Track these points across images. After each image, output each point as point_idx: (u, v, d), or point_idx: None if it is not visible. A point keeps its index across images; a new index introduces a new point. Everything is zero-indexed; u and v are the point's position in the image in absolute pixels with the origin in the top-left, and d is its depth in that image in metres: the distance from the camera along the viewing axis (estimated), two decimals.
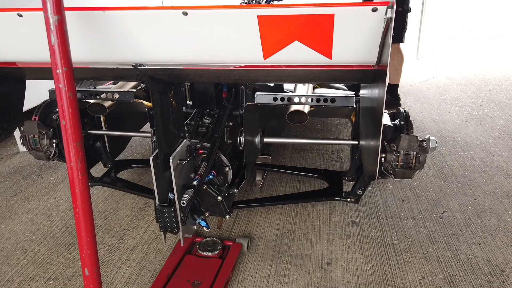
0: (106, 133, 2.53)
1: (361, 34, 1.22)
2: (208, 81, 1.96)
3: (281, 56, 1.31)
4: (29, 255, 2.35)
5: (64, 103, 1.15)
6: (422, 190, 2.87)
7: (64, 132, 1.18)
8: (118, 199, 2.85)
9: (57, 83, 1.16)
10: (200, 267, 2.09)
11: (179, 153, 1.79)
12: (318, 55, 1.28)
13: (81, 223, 1.22)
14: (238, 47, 1.31)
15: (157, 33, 1.32)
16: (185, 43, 1.33)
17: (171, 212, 1.77)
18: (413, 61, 6.39)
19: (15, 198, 2.94)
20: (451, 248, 2.29)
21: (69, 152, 1.18)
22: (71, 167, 1.19)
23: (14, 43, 1.42)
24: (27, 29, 1.35)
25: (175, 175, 1.72)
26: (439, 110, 4.33)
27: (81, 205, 1.21)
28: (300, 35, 1.23)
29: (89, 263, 1.25)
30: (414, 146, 2.07)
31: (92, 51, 1.38)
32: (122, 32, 1.33)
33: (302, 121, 1.88)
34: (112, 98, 1.99)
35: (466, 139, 3.62)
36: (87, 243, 1.23)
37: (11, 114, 2.03)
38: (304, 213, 2.64)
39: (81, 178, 1.20)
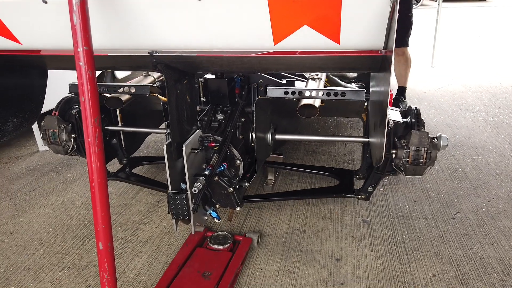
0: (122, 129, 2.60)
1: (368, 17, 1.25)
2: (220, 70, 1.99)
3: (291, 41, 1.35)
4: (46, 245, 2.42)
5: (84, 80, 1.21)
6: (434, 191, 2.85)
7: (83, 108, 1.24)
8: (132, 196, 2.91)
9: (77, 61, 1.22)
10: (210, 259, 2.12)
11: (192, 142, 1.84)
12: (327, 39, 1.32)
13: (96, 197, 1.27)
14: (249, 31, 1.36)
15: (171, 18, 1.37)
16: (199, 28, 1.39)
17: (183, 199, 1.81)
18: (428, 69, 6.36)
19: (33, 193, 3.03)
20: (463, 248, 2.27)
21: (87, 128, 1.24)
22: (88, 142, 1.25)
23: (39, 30, 1.50)
24: (52, 15, 1.43)
25: (188, 163, 1.77)
26: (454, 116, 4.30)
27: (97, 179, 1.26)
28: (309, 19, 1.26)
29: (103, 237, 1.30)
30: (425, 142, 2.08)
31: (110, 37, 1.44)
32: (138, 18, 1.39)
33: (312, 115, 1.90)
34: (129, 92, 2.06)
35: (481, 144, 3.59)
36: (102, 218, 1.28)
37: (32, 105, 2.11)
38: (315, 212, 2.65)
39: (98, 153, 1.25)
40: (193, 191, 1.78)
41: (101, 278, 1.33)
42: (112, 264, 1.32)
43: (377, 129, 1.67)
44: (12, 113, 2.02)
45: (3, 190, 3.10)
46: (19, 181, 3.22)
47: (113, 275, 1.33)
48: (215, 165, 1.92)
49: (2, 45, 1.56)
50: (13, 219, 2.70)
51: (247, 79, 2.33)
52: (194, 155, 1.86)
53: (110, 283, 1.32)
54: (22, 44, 1.55)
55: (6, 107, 1.96)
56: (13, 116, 2.02)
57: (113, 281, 1.33)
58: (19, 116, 2.06)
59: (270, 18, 1.29)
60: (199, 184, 1.79)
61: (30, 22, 1.48)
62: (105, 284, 1.32)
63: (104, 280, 1.31)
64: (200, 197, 1.81)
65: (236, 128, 2.21)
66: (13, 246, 2.43)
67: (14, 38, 1.52)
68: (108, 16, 1.41)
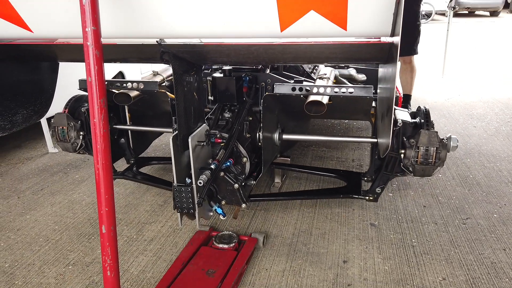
0: (130, 128, 2.61)
1: (374, 2, 1.24)
2: (228, 61, 1.98)
3: (298, 28, 1.34)
4: (51, 242, 2.41)
5: (91, 60, 1.22)
6: (444, 197, 2.80)
7: (90, 89, 1.25)
8: (139, 196, 2.91)
9: (85, 41, 1.24)
10: (215, 258, 2.10)
11: (198, 135, 1.84)
12: (334, 25, 1.31)
13: (100, 179, 1.27)
14: (256, 18, 1.36)
15: (178, 5, 1.38)
16: (206, 15, 1.39)
17: (188, 192, 1.80)
18: (439, 79, 6.33)
19: (41, 192, 3.05)
20: (474, 252, 2.21)
21: (93, 108, 1.24)
22: (94, 123, 1.25)
23: (50, 18, 1.51)
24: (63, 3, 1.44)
25: (193, 155, 1.76)
26: (465, 125, 4.25)
27: (101, 160, 1.26)
28: (316, 4, 1.26)
29: (106, 220, 1.29)
30: (434, 142, 2.05)
31: (118, 25, 1.45)
32: (146, 5, 1.40)
33: (320, 111, 1.89)
34: (137, 87, 2.08)
35: (493, 152, 3.53)
36: (106, 200, 1.28)
37: (43, 98, 2.14)
38: (322, 215, 2.61)
39: (103, 134, 1.25)
40: (198, 183, 1.77)
41: (103, 263, 1.31)
42: (114, 249, 1.31)
43: (384, 118, 1.65)
44: (22, 105, 2.04)
45: (12, 189, 3.12)
46: (28, 181, 3.25)
47: (116, 260, 1.32)
48: (221, 160, 1.91)
49: (13, 33, 1.59)
50: (20, 217, 2.71)
51: (255, 79, 2.34)
52: (200, 149, 1.86)
53: (112, 268, 1.30)
54: (33, 32, 1.57)
55: (17, 99, 1.99)
56: (23, 108, 2.05)
57: (115, 267, 1.31)
58: (29, 109, 2.09)
59: (277, 3, 1.29)
60: (204, 177, 1.78)
61: (42, 9, 1.50)
62: (107, 269, 1.30)
63: (106, 265, 1.30)
64: (206, 191, 1.79)
65: (243, 126, 2.21)
66: (19, 242, 2.43)
67: (26, 25, 1.55)
68: (116, 5, 1.42)
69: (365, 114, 2.22)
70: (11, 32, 1.58)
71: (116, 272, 1.31)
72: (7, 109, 1.96)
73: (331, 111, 2.23)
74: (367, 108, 2.08)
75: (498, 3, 17.13)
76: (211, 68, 2.57)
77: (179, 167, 1.81)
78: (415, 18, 4.12)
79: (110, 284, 1.31)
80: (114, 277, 1.31)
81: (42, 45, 1.68)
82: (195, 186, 1.81)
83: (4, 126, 1.95)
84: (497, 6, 17.30)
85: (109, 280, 1.30)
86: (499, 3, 17.13)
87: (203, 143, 1.87)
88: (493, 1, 17.07)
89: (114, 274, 1.31)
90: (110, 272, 1.30)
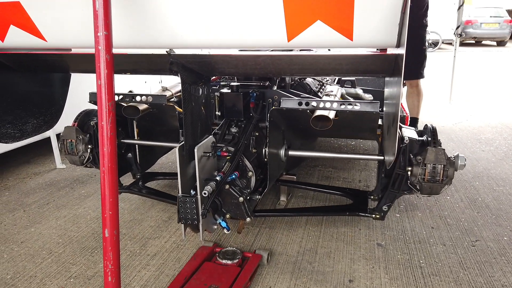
0: (138, 143, 2.63)
1: (380, 12, 1.27)
2: (235, 72, 1.99)
3: (304, 38, 1.37)
4: (54, 255, 2.40)
5: (102, 63, 1.25)
6: (453, 219, 2.75)
7: (99, 92, 1.27)
8: (144, 212, 2.90)
9: (97, 46, 1.27)
10: (218, 273, 2.06)
11: (204, 146, 1.85)
12: (340, 36, 1.33)
13: (106, 183, 1.27)
14: (264, 27, 1.38)
15: (188, 15, 1.42)
16: (214, 24, 1.42)
17: (192, 203, 1.79)
18: (446, 105, 6.33)
19: (47, 206, 3.05)
20: (484, 275, 2.15)
21: (102, 111, 1.26)
22: (102, 125, 1.27)
23: (64, 27, 1.56)
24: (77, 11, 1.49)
25: (199, 166, 1.76)
26: (473, 149, 4.22)
27: (107, 163, 1.26)
28: (323, 14, 1.29)
29: (110, 224, 1.28)
30: (442, 159, 2.04)
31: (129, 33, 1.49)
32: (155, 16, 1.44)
33: (326, 126, 1.90)
34: (146, 101, 2.11)
35: (502, 176, 3.49)
36: (110, 204, 1.27)
37: (53, 109, 2.17)
38: (328, 234, 2.58)
39: (110, 137, 1.26)
40: (203, 194, 1.76)
41: (105, 268, 1.29)
42: (117, 254, 1.30)
43: (390, 128, 1.65)
44: (33, 115, 2.08)
45: (18, 202, 3.13)
46: (34, 195, 3.26)
47: (117, 265, 1.30)
48: (227, 172, 1.91)
49: (28, 43, 1.64)
50: (25, 229, 2.71)
51: (262, 95, 2.36)
52: (206, 160, 1.86)
53: (113, 273, 1.29)
54: (47, 41, 1.62)
55: (28, 108, 2.03)
56: (33, 118, 2.08)
57: (116, 272, 1.30)
58: (39, 119, 2.12)
59: (284, 13, 1.32)
60: (209, 188, 1.78)
61: (56, 18, 1.55)
62: (108, 274, 1.28)
63: (108, 270, 1.28)
64: (210, 202, 1.78)
65: (250, 141, 2.21)
66: (22, 254, 2.42)
67: (40, 34, 1.60)
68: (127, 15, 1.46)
69: (372, 131, 2.21)
70: (25, 41, 1.62)
71: (117, 278, 1.30)
72: (18, 118, 1.99)
73: (337, 128, 2.23)
74: (373, 125, 2.08)
75: (505, 33, 17.31)
76: (219, 84, 2.61)
77: (185, 178, 1.81)
78: (421, 43, 4.18)
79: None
80: (115, 283, 1.29)
81: (55, 54, 1.72)
82: (199, 197, 1.81)
83: (14, 135, 1.99)
84: (504, 36, 17.47)
85: (109, 286, 1.29)
86: (506, 33, 17.30)
87: (209, 154, 1.88)
88: (500, 31, 17.25)
89: (115, 280, 1.29)
90: (111, 278, 1.28)
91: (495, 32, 17.40)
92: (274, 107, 1.95)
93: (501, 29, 17.26)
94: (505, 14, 17.55)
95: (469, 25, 17.23)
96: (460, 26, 6.13)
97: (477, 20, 17.27)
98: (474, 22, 17.26)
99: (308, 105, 1.89)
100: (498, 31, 17.31)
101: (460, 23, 6.08)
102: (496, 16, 17.41)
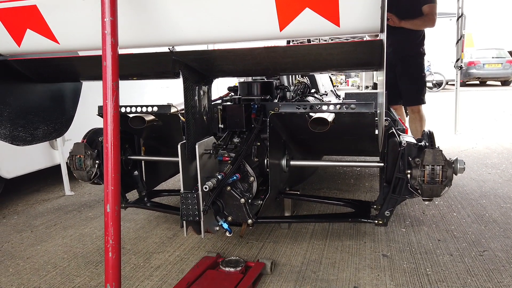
0: (144, 158, 2.70)
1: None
2: (234, 69, 2.02)
3: (295, 26, 1.46)
4: (59, 268, 2.41)
5: (108, 46, 1.35)
6: (460, 232, 2.72)
7: (104, 73, 1.36)
8: (149, 230, 2.92)
9: (103, 30, 1.37)
10: (221, 279, 2.05)
11: (205, 143, 1.91)
12: (327, 22, 1.43)
13: (109, 158, 1.32)
14: (256, 19, 1.48)
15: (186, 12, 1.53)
16: (212, 18, 1.53)
17: (194, 198, 1.82)
18: (452, 136, 6.36)
19: (54, 227, 3.09)
20: (492, 281, 2.11)
21: (106, 90, 1.34)
22: (106, 103, 1.35)
23: (76, 29, 1.69)
24: (88, 13, 1.62)
25: (200, 163, 1.81)
26: (479, 172, 4.21)
27: (111, 139, 1.32)
28: (311, 0, 1.39)
29: (112, 199, 1.31)
30: (439, 160, 2.07)
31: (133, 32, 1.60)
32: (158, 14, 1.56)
33: (323, 128, 1.95)
34: (151, 111, 2.21)
35: (509, 194, 3.46)
36: (113, 179, 1.31)
37: (63, 118, 2.28)
38: (332, 246, 2.56)
39: (114, 115, 1.33)
40: (204, 188, 1.80)
41: (106, 243, 1.32)
42: (118, 229, 1.32)
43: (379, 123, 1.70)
44: (44, 121, 2.18)
45: (26, 224, 3.18)
46: (42, 218, 3.31)
47: (118, 242, 1.32)
48: (228, 173, 1.95)
49: (41, 46, 1.76)
50: (31, 247, 2.73)
51: (264, 107, 2.45)
52: (207, 159, 1.92)
53: (114, 249, 1.31)
54: (59, 44, 1.75)
55: (39, 115, 2.13)
56: (44, 124, 2.19)
57: (117, 248, 1.32)
58: (49, 126, 2.22)
59: (276, 2, 1.43)
60: (210, 184, 1.82)
61: (68, 19, 1.68)
62: (109, 250, 1.30)
63: (109, 246, 1.31)
64: (212, 199, 1.81)
65: (251, 150, 2.27)
66: (27, 268, 2.43)
67: (53, 36, 1.72)
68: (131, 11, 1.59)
69: (370, 138, 2.26)
70: (40, 44, 1.75)
71: (117, 254, 1.31)
72: (29, 123, 2.10)
73: (336, 135, 2.29)
74: (371, 130, 2.13)
75: (508, 73, 17.58)
76: (222, 99, 2.72)
77: (187, 176, 1.86)
78: (419, 70, 4.33)
79: (111, 266, 1.30)
80: (116, 259, 1.31)
81: (66, 58, 1.85)
82: (201, 193, 1.85)
83: (25, 138, 2.08)
84: (507, 76, 17.73)
85: (110, 261, 1.30)
86: (509, 72, 17.57)
87: (210, 152, 1.93)
88: (503, 71, 17.53)
89: (115, 256, 1.31)
90: (112, 254, 1.30)
91: (499, 72, 17.68)
92: (273, 112, 2.03)
93: (504, 69, 17.54)
94: (507, 55, 17.92)
95: (472, 66, 17.58)
96: (459, 59, 6.30)
97: (479, 61, 17.62)
98: (477, 63, 17.62)
99: (306, 108, 1.97)
100: (501, 71, 17.59)
101: (459, 56, 6.26)
102: (498, 57, 17.77)
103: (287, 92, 2.90)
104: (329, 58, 1.75)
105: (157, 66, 2.02)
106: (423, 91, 4.35)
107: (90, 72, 2.20)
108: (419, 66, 4.32)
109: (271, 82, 2.73)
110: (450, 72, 14.12)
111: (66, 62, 1.97)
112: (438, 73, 16.69)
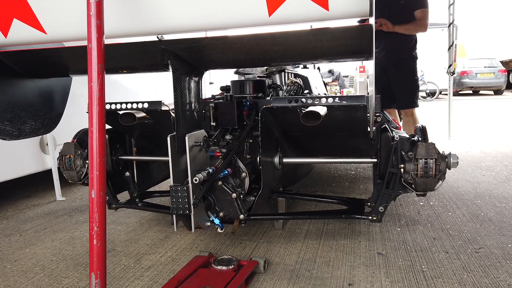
0: (136, 158, 2.67)
1: None
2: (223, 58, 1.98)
3: (284, 11, 1.45)
4: (47, 270, 2.35)
5: (93, 28, 1.32)
6: (455, 231, 2.69)
7: (89, 55, 1.33)
8: (141, 232, 2.87)
9: (88, 12, 1.35)
10: (212, 276, 2.01)
11: (195, 136, 1.88)
12: (316, 6, 1.41)
13: (94, 141, 1.28)
14: (245, 3, 1.47)
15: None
16: (200, 5, 1.51)
17: (184, 191, 1.79)
18: (446, 141, 6.37)
19: (44, 231, 3.03)
20: (488, 276, 2.07)
21: (91, 73, 1.32)
22: (91, 86, 1.32)
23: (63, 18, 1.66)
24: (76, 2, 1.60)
25: (190, 155, 1.78)
26: (474, 174, 4.20)
27: (96, 122, 1.29)
28: None
29: (96, 185, 1.27)
30: (432, 153, 2.05)
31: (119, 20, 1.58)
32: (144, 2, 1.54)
33: (316, 122, 1.93)
34: (142, 107, 2.18)
35: (504, 195, 3.44)
36: (98, 164, 1.27)
37: (52, 114, 2.24)
38: (327, 245, 2.52)
39: (99, 97, 1.30)
40: (194, 180, 1.77)
41: (90, 230, 1.28)
42: (103, 216, 1.28)
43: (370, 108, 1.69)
44: (32, 116, 2.15)
45: (15, 229, 3.11)
46: (32, 222, 3.25)
47: (103, 229, 1.28)
48: (219, 167, 1.92)
49: (27, 36, 1.72)
50: (20, 250, 2.67)
51: (256, 105, 2.43)
52: (198, 152, 1.89)
53: (99, 236, 1.26)
54: (47, 34, 1.72)
55: (27, 109, 2.10)
56: (32, 120, 2.15)
57: (102, 236, 1.27)
58: (37, 121, 2.19)
59: None
60: (200, 176, 1.79)
61: (56, 8, 1.66)
62: (93, 238, 1.26)
63: (93, 233, 1.26)
64: (202, 193, 1.78)
65: (243, 146, 2.25)
66: (15, 271, 2.37)
67: (40, 26, 1.70)
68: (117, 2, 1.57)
69: (363, 133, 2.24)
70: (27, 35, 1.72)
71: (102, 242, 1.27)
72: (17, 117, 2.06)
73: (329, 130, 2.27)
74: (363, 124, 2.11)
75: (500, 82, 17.74)
76: (214, 98, 2.70)
77: (177, 168, 1.83)
78: (412, 74, 4.35)
79: (95, 254, 1.26)
80: (101, 247, 1.27)
81: (54, 49, 1.82)
82: (191, 185, 1.81)
83: (12, 133, 2.04)
84: (500, 85, 17.89)
85: (94, 249, 1.26)
86: (502, 82, 17.73)
87: (200, 144, 1.90)
88: (495, 80, 17.69)
89: (100, 243, 1.27)
90: (97, 241, 1.26)
91: (491, 82, 17.84)
92: (265, 106, 2.01)
93: (496, 78, 17.71)
94: (498, 64, 18.12)
95: (465, 75, 17.75)
96: (451, 65, 6.35)
97: (472, 71, 17.80)
98: (469, 72, 17.79)
99: (298, 102, 1.95)
100: (494, 80, 17.75)
101: (451, 62, 6.31)
102: (490, 67, 17.96)
103: (279, 91, 2.89)
104: (318, 46, 1.74)
105: (146, 57, 2.00)
106: (416, 94, 4.36)
107: (79, 65, 2.17)
108: (412, 70, 4.34)
109: (264, 80, 2.72)
110: (444, 82, 14.26)
111: (54, 53, 1.94)
112: (432, 83, 16.83)
